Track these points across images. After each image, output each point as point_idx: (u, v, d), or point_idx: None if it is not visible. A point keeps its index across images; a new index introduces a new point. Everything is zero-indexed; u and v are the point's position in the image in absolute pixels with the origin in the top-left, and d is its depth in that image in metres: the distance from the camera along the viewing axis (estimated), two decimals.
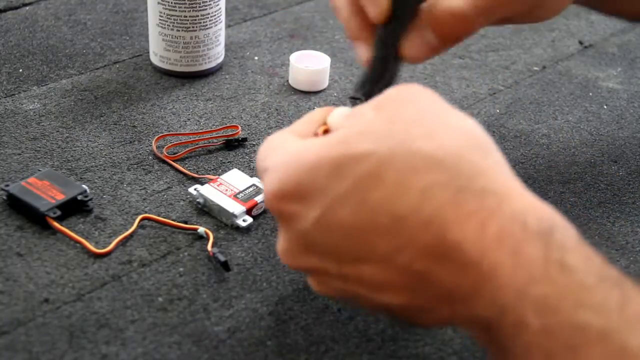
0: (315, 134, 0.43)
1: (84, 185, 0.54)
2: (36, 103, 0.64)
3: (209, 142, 0.61)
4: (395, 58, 0.47)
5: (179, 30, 0.66)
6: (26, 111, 0.63)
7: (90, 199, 0.53)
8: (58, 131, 0.61)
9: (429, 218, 0.34)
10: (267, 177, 0.39)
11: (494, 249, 0.34)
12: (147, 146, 0.60)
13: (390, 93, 0.39)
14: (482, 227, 0.34)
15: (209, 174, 0.58)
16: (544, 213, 0.35)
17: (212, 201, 0.53)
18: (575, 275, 0.33)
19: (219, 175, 0.56)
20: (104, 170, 0.57)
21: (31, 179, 0.53)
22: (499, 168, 0.37)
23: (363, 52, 0.48)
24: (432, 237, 0.34)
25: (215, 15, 0.67)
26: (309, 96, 0.68)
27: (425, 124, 0.37)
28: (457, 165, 0.35)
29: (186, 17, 0.65)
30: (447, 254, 0.34)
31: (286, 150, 0.39)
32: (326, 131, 0.43)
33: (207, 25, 0.67)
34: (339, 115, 0.42)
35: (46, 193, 0.52)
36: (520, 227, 0.34)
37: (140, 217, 0.52)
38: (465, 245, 0.34)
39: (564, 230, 0.35)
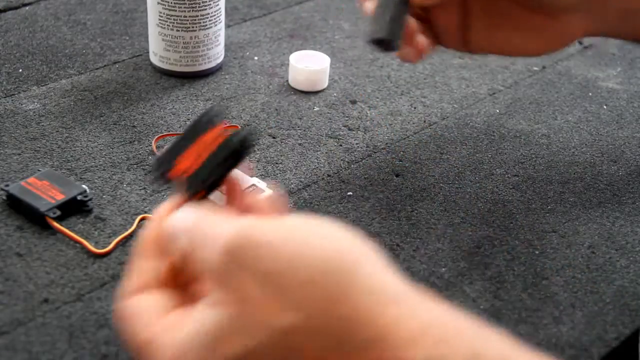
0: (161, 282, 0.38)
1: (83, 185, 0.54)
2: (36, 103, 0.64)
3: None
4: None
5: (178, 30, 0.66)
6: (26, 111, 0.63)
7: (90, 199, 0.53)
8: (58, 131, 0.61)
9: None
10: None
11: None
12: (147, 146, 0.60)
13: (220, 261, 0.34)
14: None
15: None
16: (428, 345, 0.33)
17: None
18: None
19: None
20: (104, 170, 0.57)
21: (31, 179, 0.53)
22: (372, 300, 0.33)
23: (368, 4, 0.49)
24: None
25: (215, 15, 0.67)
26: (309, 96, 0.68)
27: (278, 290, 0.33)
28: (333, 324, 0.32)
29: (186, 17, 0.65)
30: None
31: (160, 356, 0.35)
32: (173, 268, 0.38)
33: (206, 25, 0.67)
34: (174, 243, 0.37)
35: (46, 193, 0.52)
36: None
37: (140, 217, 0.52)
38: None
39: (453, 352, 0.33)
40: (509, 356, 0.34)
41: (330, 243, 0.35)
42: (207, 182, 0.39)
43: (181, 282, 0.38)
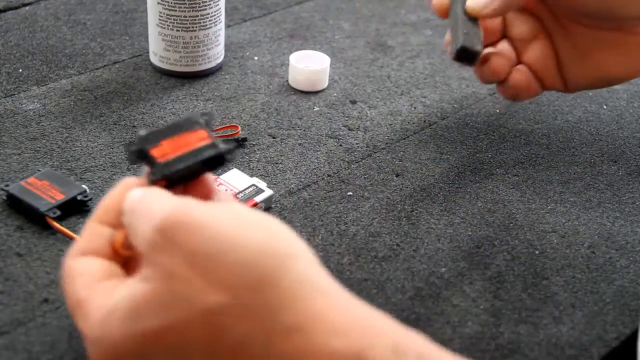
0: (113, 247, 0.39)
1: (83, 185, 0.54)
2: (36, 103, 0.64)
3: None
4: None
5: (178, 30, 0.66)
6: (26, 111, 0.63)
7: (90, 199, 0.53)
8: (58, 131, 0.61)
9: None
10: (86, 344, 0.37)
11: None
12: None
13: (152, 238, 0.35)
14: None
15: None
16: (353, 335, 0.33)
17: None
18: None
19: (218, 175, 0.56)
20: (104, 170, 0.57)
21: (31, 179, 0.53)
22: (299, 287, 0.34)
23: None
24: None
25: (215, 15, 0.67)
26: (309, 96, 0.68)
27: (205, 270, 0.34)
28: (257, 306, 0.33)
29: (186, 17, 0.65)
30: None
31: (88, 318, 0.36)
32: (127, 238, 0.38)
33: (206, 25, 0.67)
34: (132, 219, 0.37)
35: (46, 193, 0.52)
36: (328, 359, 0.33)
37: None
38: None
39: (378, 345, 0.33)
40: (429, 352, 0.34)
41: (265, 231, 0.36)
42: (174, 174, 0.39)
43: (127, 255, 0.39)
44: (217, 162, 0.40)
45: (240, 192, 0.54)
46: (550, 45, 0.59)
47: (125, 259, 0.39)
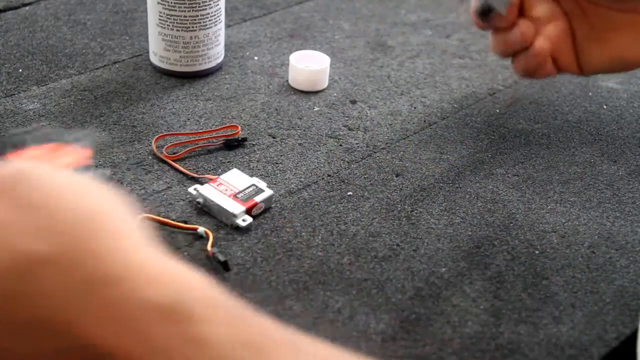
0: None
1: None
2: (36, 103, 0.64)
3: (209, 142, 0.61)
4: None
5: (178, 30, 0.66)
6: (26, 111, 0.63)
7: None
8: None
9: (61, 326, 0.32)
10: None
11: (126, 339, 0.32)
12: (146, 146, 0.60)
13: None
14: (112, 319, 0.32)
15: (208, 174, 0.58)
16: (168, 285, 0.34)
17: (211, 201, 0.53)
18: (210, 349, 0.32)
19: (218, 175, 0.56)
20: (104, 170, 0.57)
21: None
22: (121, 242, 0.35)
23: None
24: (68, 344, 0.32)
25: (215, 15, 0.67)
26: (309, 96, 0.68)
27: (32, 218, 0.34)
28: (76, 255, 0.33)
29: (186, 17, 0.65)
30: (87, 355, 0.33)
31: None
32: None
33: (206, 25, 0.67)
34: None
35: None
36: (144, 310, 0.32)
37: (139, 216, 0.52)
38: (100, 341, 0.32)
39: (191, 297, 0.33)
40: (241, 308, 0.35)
41: (95, 191, 0.37)
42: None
43: None
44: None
45: (240, 192, 0.54)
46: (568, 26, 0.59)
47: None
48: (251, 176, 0.57)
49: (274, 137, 0.62)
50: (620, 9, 0.57)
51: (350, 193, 0.57)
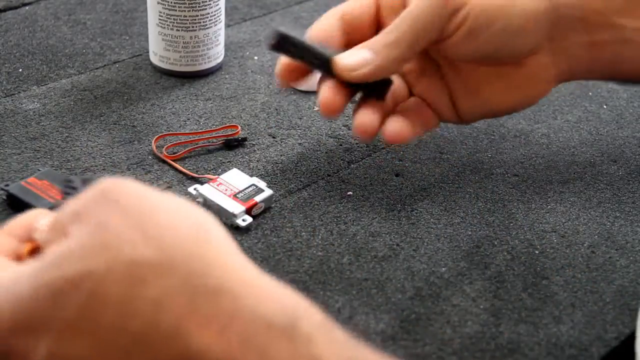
0: (18, 256, 0.39)
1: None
2: (36, 103, 0.64)
3: (209, 142, 0.61)
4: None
5: (178, 30, 0.66)
6: (26, 111, 0.63)
7: None
8: (58, 131, 0.61)
9: (169, 330, 0.32)
10: None
11: (240, 355, 0.32)
12: (146, 146, 0.60)
13: (87, 197, 0.36)
14: (224, 333, 0.32)
15: (208, 174, 0.58)
16: (285, 303, 0.34)
17: (211, 201, 0.53)
18: None
19: (218, 175, 0.56)
20: (104, 170, 0.57)
21: (31, 179, 0.53)
22: (230, 258, 0.35)
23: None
24: (177, 351, 0.32)
25: (214, 15, 0.67)
26: (309, 96, 0.68)
27: (139, 226, 0.34)
28: (187, 265, 0.33)
29: (186, 17, 0.65)
30: None
31: None
32: (34, 250, 0.39)
33: (206, 25, 0.67)
34: (43, 226, 0.39)
35: (46, 193, 0.52)
36: (263, 326, 0.33)
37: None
38: (211, 354, 0.32)
39: (308, 317, 0.34)
40: (351, 340, 0.35)
41: (198, 210, 0.37)
42: None
43: None
44: None
45: (240, 191, 0.54)
46: (442, 80, 0.57)
47: None
48: (251, 176, 0.57)
49: (274, 137, 0.62)
50: (489, 63, 0.56)
51: (350, 193, 0.57)
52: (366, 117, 0.54)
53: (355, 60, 0.52)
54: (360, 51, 0.53)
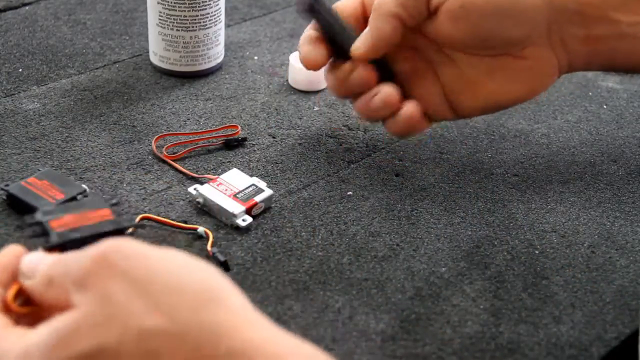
0: (5, 303, 0.38)
1: (83, 185, 0.54)
2: (36, 103, 0.64)
3: (209, 142, 0.61)
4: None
5: (178, 30, 0.66)
6: (26, 111, 0.63)
7: None
8: (58, 131, 0.61)
9: None
10: None
11: None
12: (146, 146, 0.60)
13: (88, 262, 0.35)
14: None
15: (208, 174, 0.58)
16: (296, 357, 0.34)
17: (211, 201, 0.53)
18: None
19: (218, 175, 0.56)
20: (104, 170, 0.57)
21: (31, 179, 0.53)
22: (239, 318, 0.35)
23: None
24: None
25: (214, 15, 0.67)
26: (309, 96, 0.68)
27: (146, 294, 0.33)
28: (198, 333, 0.33)
29: (186, 17, 0.65)
30: None
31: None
32: (19, 292, 0.38)
33: (206, 25, 0.67)
34: (30, 271, 0.38)
35: (46, 193, 0.52)
36: None
37: (139, 216, 0.52)
38: None
39: None
40: None
41: (202, 265, 0.36)
42: (69, 242, 0.44)
43: (18, 312, 0.38)
44: (119, 231, 0.45)
45: (240, 191, 0.54)
46: (436, 78, 0.57)
47: (17, 316, 0.38)
48: (251, 176, 0.57)
49: (274, 137, 0.62)
50: (486, 54, 0.55)
51: (350, 193, 0.57)
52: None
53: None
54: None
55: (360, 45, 0.55)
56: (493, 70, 0.56)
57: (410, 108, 0.55)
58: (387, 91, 0.55)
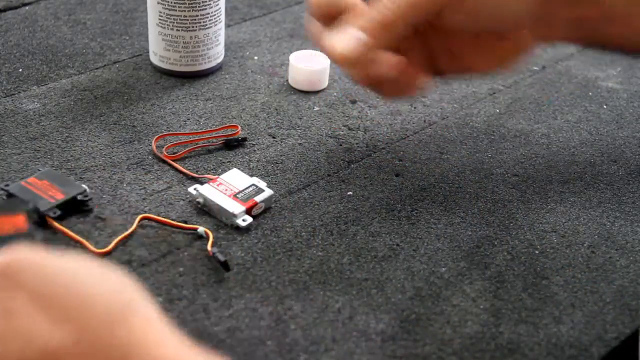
0: None
1: (83, 185, 0.54)
2: (36, 103, 0.64)
3: (209, 142, 0.61)
4: None
5: (178, 30, 0.66)
6: (26, 111, 0.63)
7: (90, 199, 0.53)
8: (58, 131, 0.61)
9: None
10: None
11: None
12: (146, 146, 0.60)
13: None
14: None
15: (208, 174, 0.58)
16: None
17: (211, 201, 0.53)
18: None
19: (218, 175, 0.56)
20: (104, 170, 0.57)
21: (31, 179, 0.53)
22: (150, 334, 0.33)
23: None
24: None
25: (215, 15, 0.67)
26: (309, 96, 0.68)
27: (50, 308, 0.32)
28: (107, 348, 0.31)
29: (186, 17, 0.65)
30: None
31: None
32: None
33: (206, 25, 0.67)
34: None
35: (46, 193, 0.52)
36: None
37: (140, 216, 0.52)
38: None
39: None
40: None
41: (112, 275, 0.35)
42: None
43: None
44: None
45: (240, 192, 0.54)
46: (425, 44, 0.56)
47: None
48: (251, 176, 0.57)
49: (274, 137, 0.63)
50: (479, 35, 0.56)
51: (350, 193, 0.57)
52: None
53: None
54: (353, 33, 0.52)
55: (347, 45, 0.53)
56: (477, 48, 0.56)
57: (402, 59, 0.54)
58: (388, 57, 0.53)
